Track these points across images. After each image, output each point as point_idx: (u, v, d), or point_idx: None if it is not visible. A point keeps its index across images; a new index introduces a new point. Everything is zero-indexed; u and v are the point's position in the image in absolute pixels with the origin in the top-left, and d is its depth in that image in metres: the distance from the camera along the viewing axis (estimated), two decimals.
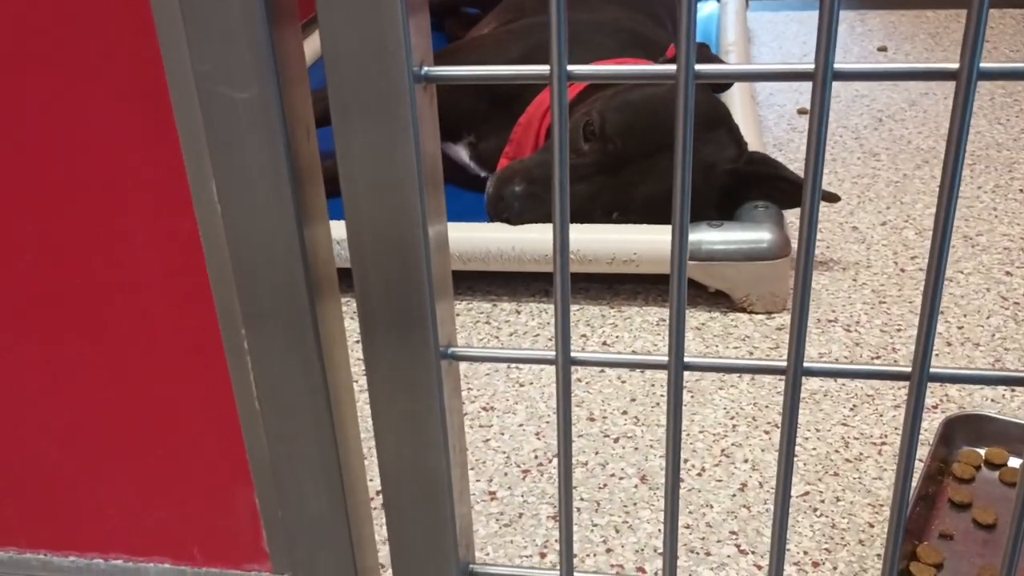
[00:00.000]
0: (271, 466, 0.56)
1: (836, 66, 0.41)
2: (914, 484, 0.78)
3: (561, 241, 0.47)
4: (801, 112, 1.70)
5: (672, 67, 0.43)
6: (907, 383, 0.47)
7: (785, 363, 0.48)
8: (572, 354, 0.51)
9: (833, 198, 1.17)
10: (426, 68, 0.45)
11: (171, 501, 0.59)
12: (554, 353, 0.50)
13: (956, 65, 0.39)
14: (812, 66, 0.41)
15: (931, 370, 0.47)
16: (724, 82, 1.24)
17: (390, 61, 0.43)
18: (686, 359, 0.49)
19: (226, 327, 0.54)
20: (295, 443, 0.55)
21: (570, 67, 0.45)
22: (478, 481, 0.86)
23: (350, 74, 0.44)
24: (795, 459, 0.87)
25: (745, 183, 1.14)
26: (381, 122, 0.45)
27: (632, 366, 0.50)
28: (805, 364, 0.49)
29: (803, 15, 2.27)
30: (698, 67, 0.42)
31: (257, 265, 0.50)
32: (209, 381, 0.55)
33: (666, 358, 0.49)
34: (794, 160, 1.51)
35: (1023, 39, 2.02)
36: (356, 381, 0.89)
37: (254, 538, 0.59)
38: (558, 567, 0.53)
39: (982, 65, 0.39)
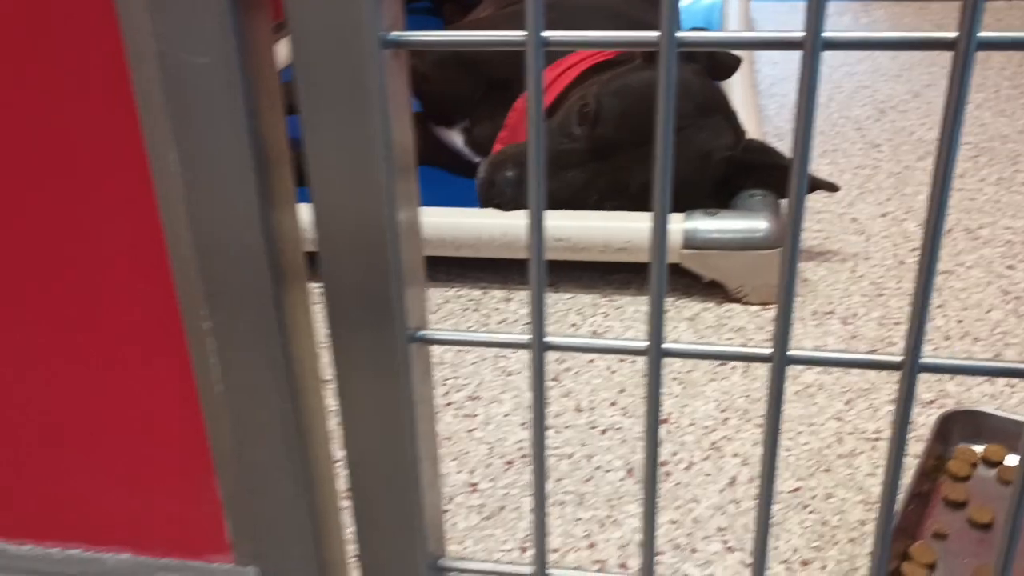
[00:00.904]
0: (234, 455, 0.53)
1: (826, 34, 0.39)
2: (908, 481, 0.76)
3: (537, 220, 0.45)
4: None
5: (655, 33, 0.40)
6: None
7: (770, 351, 0.46)
8: (547, 339, 0.49)
9: (833, 188, 1.14)
10: (395, 33, 0.43)
11: (131, 489, 0.57)
12: (528, 337, 0.48)
13: (954, 33, 0.37)
14: (802, 34, 0.39)
15: (922, 360, 0.44)
16: (716, 59, 1.21)
17: (356, 24, 0.41)
18: (666, 345, 0.47)
19: (187, 310, 0.51)
20: (259, 432, 0.53)
21: (544, 33, 0.42)
22: (460, 472, 0.84)
23: (314, 39, 0.41)
24: (787, 454, 0.85)
25: (742, 171, 1.12)
26: (348, 90, 0.42)
27: (609, 351, 0.48)
28: (790, 352, 0.46)
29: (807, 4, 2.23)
30: (680, 34, 0.40)
31: (218, 243, 0.47)
32: (170, 365, 0.53)
33: (645, 343, 0.47)
34: None
35: None
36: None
37: (217, 529, 0.57)
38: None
39: (981, 34, 0.36)
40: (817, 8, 0.38)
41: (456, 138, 1.35)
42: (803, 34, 0.38)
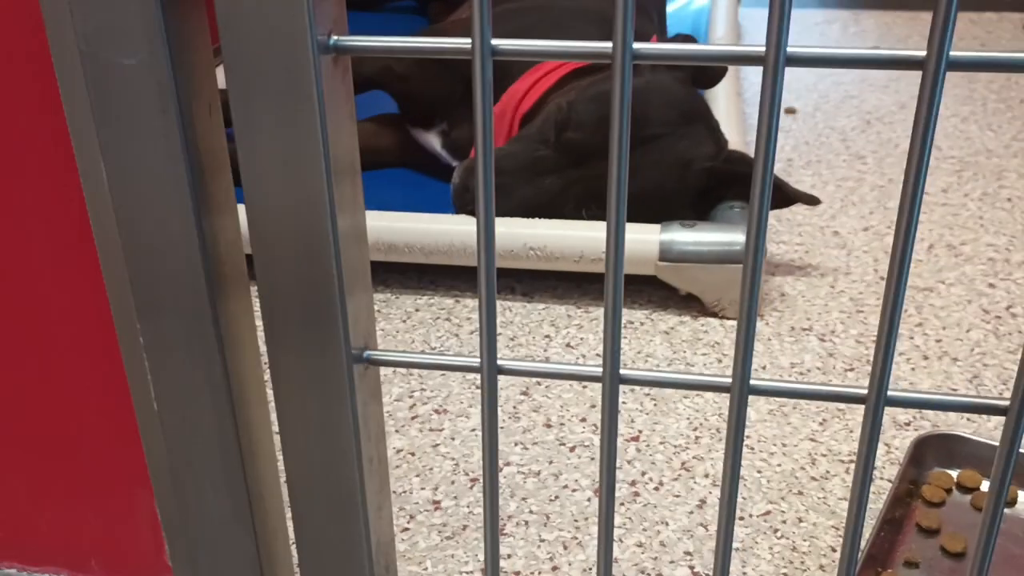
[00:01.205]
0: (171, 473, 0.51)
1: (789, 49, 0.36)
2: (881, 506, 0.73)
3: (486, 233, 0.42)
4: (788, 111, 1.65)
5: (607, 44, 0.38)
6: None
7: (729, 380, 0.44)
8: (499, 362, 0.47)
9: (813, 201, 1.12)
10: (335, 37, 0.40)
11: (66, 507, 0.54)
12: (478, 360, 0.46)
13: (923, 53, 0.35)
14: (762, 49, 0.36)
15: (889, 393, 0.42)
16: (700, 67, 1.19)
17: (291, 28, 0.39)
18: (622, 372, 0.44)
19: (120, 319, 0.49)
20: (196, 448, 0.50)
21: (494, 41, 0.40)
22: (423, 489, 0.81)
23: (248, 42, 0.39)
24: (758, 475, 0.82)
25: (722, 182, 1.10)
26: (282, 97, 0.40)
27: (563, 377, 0.45)
28: (752, 382, 0.44)
29: (796, 13, 2.22)
30: (636, 45, 0.38)
31: (149, 252, 0.45)
32: (104, 377, 0.50)
33: (599, 370, 0.44)
34: (778, 160, 1.46)
35: (1022, 44, 1.97)
36: None
37: (155, 549, 0.55)
38: None
39: (952, 53, 0.34)
40: (780, 23, 0.36)
41: (434, 140, 1.32)
42: (763, 49, 0.36)
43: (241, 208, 0.46)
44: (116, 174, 0.43)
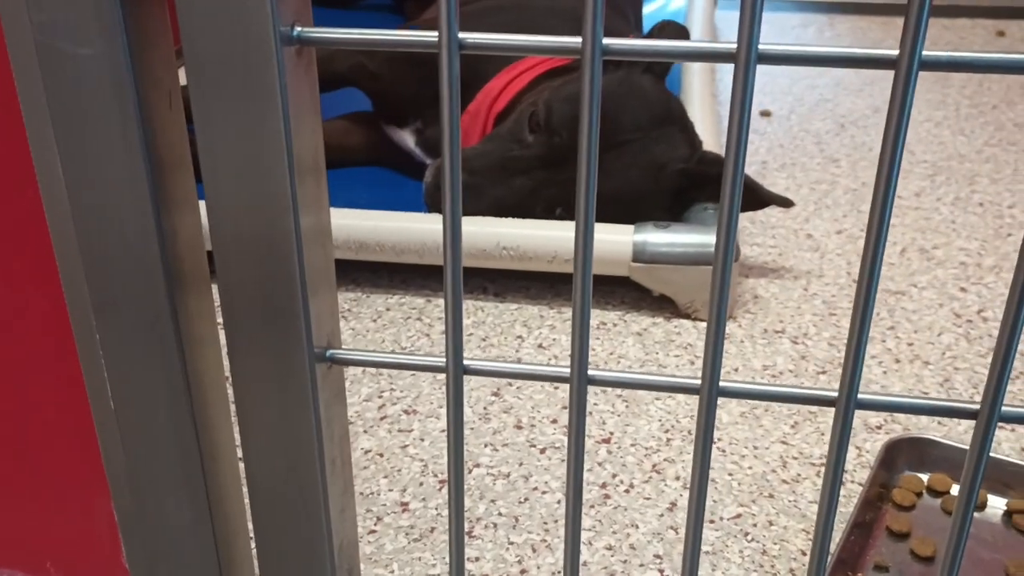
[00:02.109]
0: (129, 474, 0.50)
1: (761, 47, 0.36)
2: (852, 510, 0.73)
3: (452, 233, 0.41)
4: (763, 114, 1.65)
5: (577, 39, 0.37)
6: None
7: (698, 382, 0.43)
8: (466, 362, 0.46)
9: (787, 203, 1.12)
10: (299, 28, 0.39)
11: (21, 508, 0.53)
12: (443, 361, 0.45)
13: (896, 52, 0.34)
14: (734, 46, 0.36)
15: (859, 396, 0.42)
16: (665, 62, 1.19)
17: (252, 17, 0.37)
18: (590, 373, 0.44)
19: (76, 316, 0.47)
20: (154, 450, 0.49)
21: (462, 35, 0.39)
22: (391, 491, 0.80)
23: (206, 31, 0.38)
24: (729, 478, 0.82)
25: (696, 184, 1.09)
26: (243, 90, 0.39)
27: (532, 378, 0.45)
28: (721, 384, 0.43)
29: (772, 16, 2.23)
30: (606, 41, 0.37)
31: (105, 250, 0.43)
32: (60, 375, 0.49)
33: (567, 371, 0.44)
34: (752, 162, 1.46)
35: (994, 49, 1.99)
36: None
37: (112, 553, 0.53)
38: None
39: (924, 53, 0.34)
40: (751, 20, 0.35)
41: (408, 138, 1.31)
42: (735, 46, 0.35)
43: (203, 204, 0.45)
44: (72, 168, 0.42)
